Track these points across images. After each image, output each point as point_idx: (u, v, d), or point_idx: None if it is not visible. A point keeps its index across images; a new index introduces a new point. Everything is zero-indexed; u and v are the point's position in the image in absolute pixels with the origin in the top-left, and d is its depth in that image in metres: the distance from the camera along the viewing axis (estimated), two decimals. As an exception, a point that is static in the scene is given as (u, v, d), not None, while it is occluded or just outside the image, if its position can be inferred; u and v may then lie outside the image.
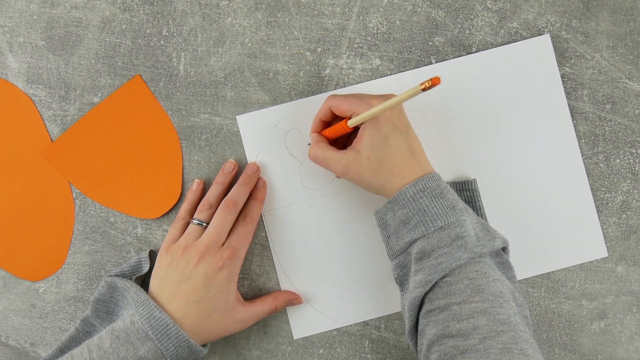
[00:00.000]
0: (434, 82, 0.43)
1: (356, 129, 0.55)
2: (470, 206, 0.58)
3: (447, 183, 0.57)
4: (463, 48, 0.60)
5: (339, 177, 0.57)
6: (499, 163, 0.60)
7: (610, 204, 0.60)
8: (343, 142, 0.58)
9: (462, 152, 0.60)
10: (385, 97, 0.54)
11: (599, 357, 0.60)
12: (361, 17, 0.60)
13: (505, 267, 0.53)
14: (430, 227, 0.50)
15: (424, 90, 0.44)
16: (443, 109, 0.60)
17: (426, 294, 0.50)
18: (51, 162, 0.60)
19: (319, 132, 0.57)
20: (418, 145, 0.54)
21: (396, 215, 0.52)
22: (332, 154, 0.54)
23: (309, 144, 0.59)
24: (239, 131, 0.60)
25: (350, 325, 0.60)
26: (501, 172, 0.60)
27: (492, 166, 0.60)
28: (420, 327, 0.51)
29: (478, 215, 0.58)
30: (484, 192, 0.59)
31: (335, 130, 0.55)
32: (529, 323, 0.51)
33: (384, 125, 0.52)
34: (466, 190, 0.59)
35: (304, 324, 0.60)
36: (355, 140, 0.54)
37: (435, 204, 0.51)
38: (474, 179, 0.59)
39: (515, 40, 0.60)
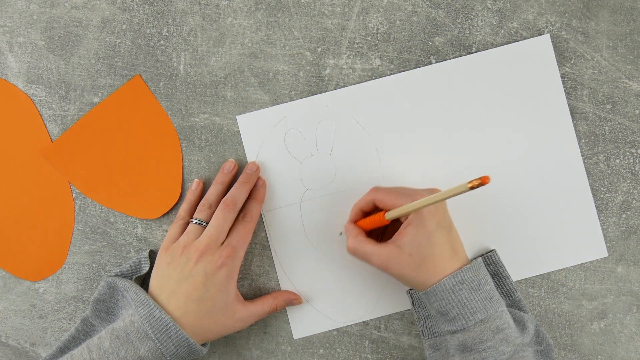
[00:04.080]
0: (484, 181, 0.41)
1: (393, 221, 0.54)
2: (496, 279, 0.58)
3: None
4: (463, 48, 0.60)
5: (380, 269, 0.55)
6: (498, 163, 0.60)
7: (610, 204, 0.60)
8: (379, 232, 0.58)
9: (462, 152, 0.60)
10: (430, 191, 0.54)
11: (599, 357, 0.60)
12: (361, 17, 0.60)
13: (545, 354, 0.54)
14: (471, 320, 0.50)
15: (471, 188, 0.42)
16: (443, 109, 0.60)
17: None
18: (51, 162, 0.60)
19: (355, 223, 0.56)
20: (459, 242, 0.54)
21: (433, 305, 0.52)
22: (372, 248, 0.53)
23: (341, 233, 0.59)
24: (239, 131, 0.60)
25: (350, 325, 0.60)
26: (501, 172, 0.60)
27: (492, 166, 0.60)
28: None
29: (505, 285, 0.58)
30: (483, 192, 0.59)
31: (372, 221, 0.54)
32: None
33: (429, 222, 0.51)
34: (490, 265, 0.58)
35: (304, 324, 0.60)
36: (396, 234, 0.53)
37: (474, 296, 0.51)
38: (493, 250, 0.58)
39: (515, 40, 0.60)
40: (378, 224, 0.54)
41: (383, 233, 0.58)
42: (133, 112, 0.60)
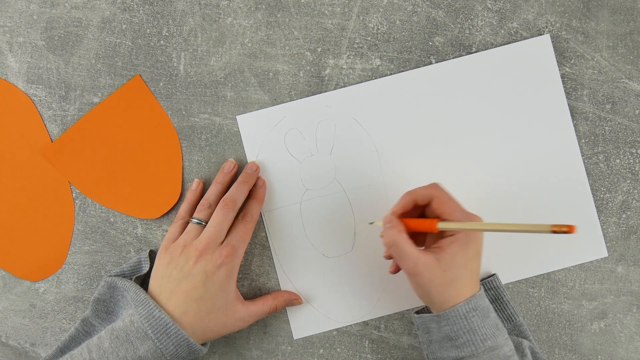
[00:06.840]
0: (570, 230, 0.39)
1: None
2: (497, 303, 0.58)
3: None
4: (463, 48, 0.60)
5: (394, 272, 0.53)
6: (498, 163, 0.60)
7: (610, 204, 0.60)
8: (409, 234, 0.54)
9: (462, 151, 0.60)
10: (473, 216, 0.52)
11: (599, 357, 0.60)
12: (361, 17, 0.60)
13: None
14: (480, 347, 0.50)
15: (553, 232, 0.40)
16: (442, 109, 0.60)
17: None
18: (51, 162, 0.60)
19: (399, 217, 0.52)
20: (479, 271, 0.53)
21: (442, 329, 0.51)
22: (412, 250, 0.50)
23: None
24: (239, 131, 0.60)
25: (350, 325, 0.60)
26: (501, 172, 0.60)
27: (492, 166, 0.60)
28: None
29: (507, 309, 0.58)
30: (483, 192, 0.59)
31: (420, 224, 0.51)
32: None
33: (472, 246, 0.51)
34: (491, 289, 0.58)
35: (304, 324, 0.60)
36: (438, 247, 0.51)
37: (485, 323, 0.51)
38: (494, 274, 0.59)
39: (515, 40, 0.60)
40: (425, 229, 0.51)
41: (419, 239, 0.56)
42: (133, 112, 0.60)
